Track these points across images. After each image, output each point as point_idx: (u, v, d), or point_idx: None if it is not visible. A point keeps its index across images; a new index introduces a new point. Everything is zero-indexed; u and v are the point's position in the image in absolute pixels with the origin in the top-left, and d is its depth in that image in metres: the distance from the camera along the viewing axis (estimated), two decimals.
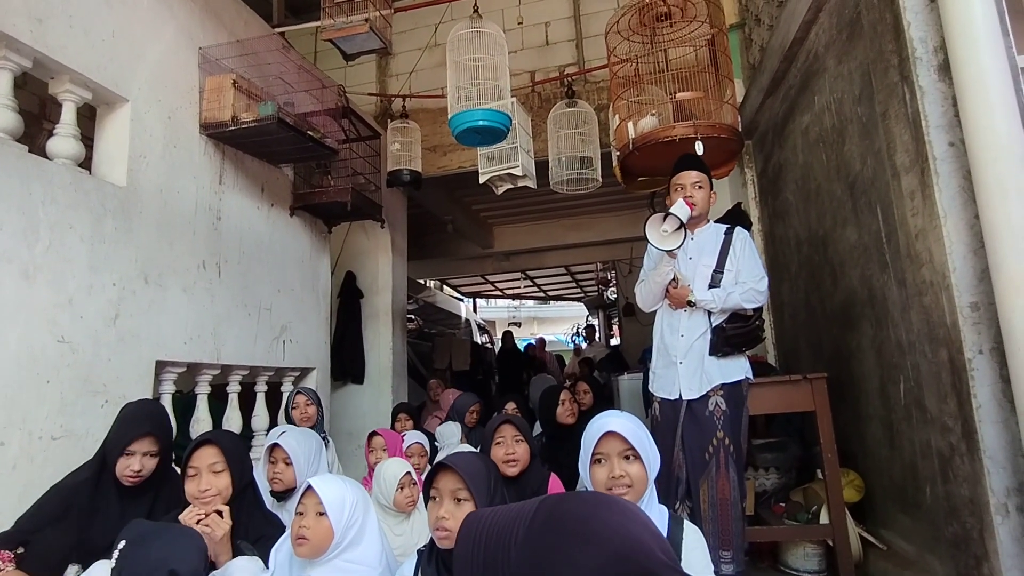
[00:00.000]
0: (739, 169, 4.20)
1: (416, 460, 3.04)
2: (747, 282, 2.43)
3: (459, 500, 1.47)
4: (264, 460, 2.29)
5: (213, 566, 1.68)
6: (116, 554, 1.45)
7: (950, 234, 1.86)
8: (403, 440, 3.03)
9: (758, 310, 2.48)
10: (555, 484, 2.24)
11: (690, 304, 2.45)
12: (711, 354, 2.42)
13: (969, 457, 1.84)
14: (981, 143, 1.70)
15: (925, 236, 1.99)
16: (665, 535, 1.46)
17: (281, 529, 1.85)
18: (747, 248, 2.50)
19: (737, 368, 2.44)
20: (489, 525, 0.68)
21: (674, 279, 2.48)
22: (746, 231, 2.59)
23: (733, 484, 2.33)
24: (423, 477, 3.03)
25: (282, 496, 2.26)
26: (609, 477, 1.46)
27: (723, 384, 2.40)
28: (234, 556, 1.71)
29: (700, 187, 2.50)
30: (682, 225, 2.31)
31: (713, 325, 2.45)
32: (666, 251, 2.36)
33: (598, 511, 0.63)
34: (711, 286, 2.47)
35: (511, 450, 2.13)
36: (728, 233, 2.52)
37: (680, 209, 2.36)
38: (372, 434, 2.96)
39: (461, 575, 0.67)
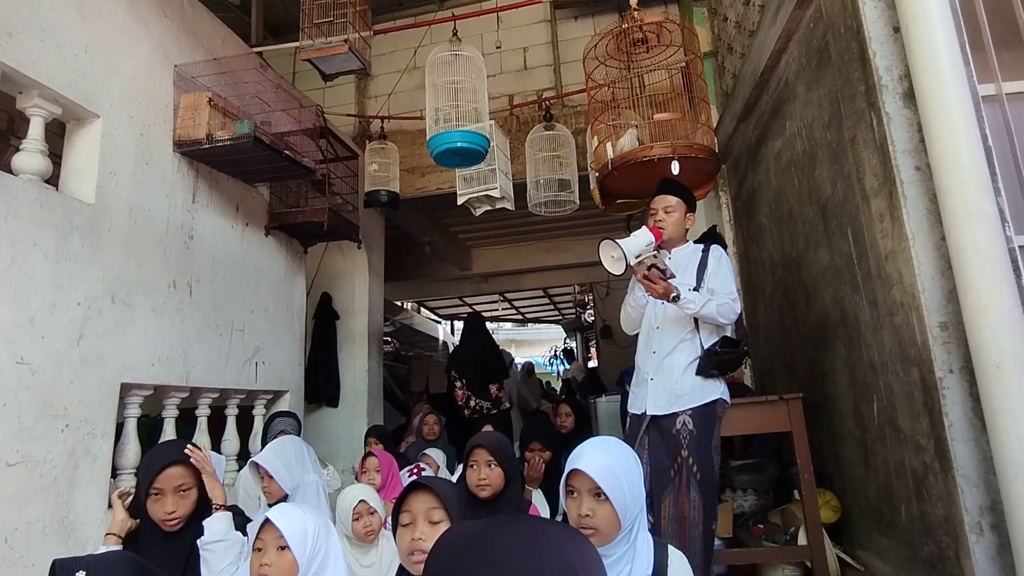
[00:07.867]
0: (714, 192, 4.28)
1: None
2: (723, 295, 2.40)
3: (434, 522, 1.42)
4: (255, 478, 2.35)
5: None
6: None
7: (918, 256, 1.90)
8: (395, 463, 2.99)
9: (744, 335, 2.47)
10: (534, 511, 2.20)
11: (675, 300, 2.31)
12: (697, 374, 2.39)
13: (943, 476, 1.86)
14: (946, 168, 1.75)
15: (895, 258, 2.04)
16: (651, 561, 1.41)
17: None
18: (721, 266, 2.49)
19: (713, 389, 2.41)
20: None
21: (668, 273, 2.33)
22: (722, 249, 2.59)
23: (694, 504, 2.29)
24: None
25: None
26: (577, 515, 1.39)
27: (694, 406, 2.37)
28: None
29: (670, 211, 2.50)
30: (625, 256, 2.20)
31: (706, 348, 2.41)
32: (613, 274, 2.26)
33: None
34: None
35: (483, 475, 2.10)
36: (705, 252, 2.53)
37: (630, 241, 2.25)
38: (367, 455, 2.89)
39: None
